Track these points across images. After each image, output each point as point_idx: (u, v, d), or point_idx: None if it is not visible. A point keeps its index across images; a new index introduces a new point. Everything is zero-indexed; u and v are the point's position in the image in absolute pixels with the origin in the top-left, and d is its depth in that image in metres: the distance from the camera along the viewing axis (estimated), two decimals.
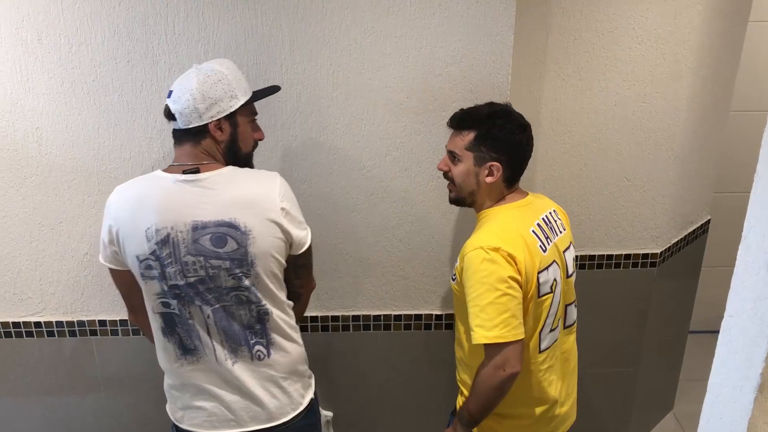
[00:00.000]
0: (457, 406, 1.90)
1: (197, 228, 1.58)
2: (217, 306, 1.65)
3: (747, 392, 1.04)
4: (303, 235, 1.70)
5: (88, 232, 2.15)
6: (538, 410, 1.82)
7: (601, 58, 2.29)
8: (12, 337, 2.29)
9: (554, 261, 1.75)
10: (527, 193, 1.82)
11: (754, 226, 1.05)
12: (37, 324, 2.27)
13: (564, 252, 1.82)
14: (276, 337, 1.73)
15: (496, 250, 1.61)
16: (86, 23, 1.91)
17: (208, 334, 1.68)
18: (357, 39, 1.95)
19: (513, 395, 1.76)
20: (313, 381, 1.90)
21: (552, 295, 1.74)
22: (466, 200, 1.80)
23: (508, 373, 1.62)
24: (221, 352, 1.69)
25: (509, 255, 1.62)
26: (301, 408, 1.81)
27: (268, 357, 1.72)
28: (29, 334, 2.29)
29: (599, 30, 2.26)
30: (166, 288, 1.63)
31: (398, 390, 2.45)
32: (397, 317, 2.31)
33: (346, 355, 2.38)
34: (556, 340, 1.82)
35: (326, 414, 2.44)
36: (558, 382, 1.86)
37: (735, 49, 2.64)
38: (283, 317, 1.73)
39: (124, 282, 1.75)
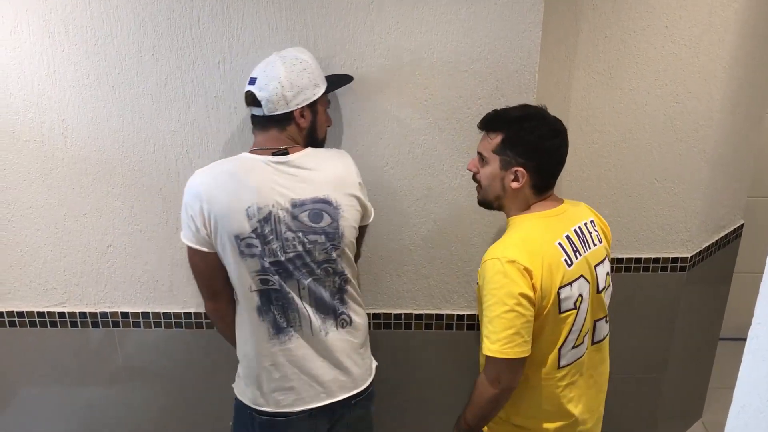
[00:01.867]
0: None
1: (296, 205, 1.68)
2: (310, 279, 1.75)
3: None
4: (370, 206, 1.87)
5: (112, 225, 2.16)
6: (555, 426, 1.76)
7: (633, 56, 2.24)
8: (36, 326, 2.32)
9: (581, 276, 1.66)
10: (562, 201, 1.74)
11: None
12: (61, 314, 2.30)
13: (596, 266, 1.72)
14: (353, 305, 1.85)
15: (512, 262, 1.56)
16: (112, 16, 1.92)
17: (304, 305, 1.75)
18: (381, 34, 1.93)
19: (529, 409, 1.73)
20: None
21: (575, 311, 1.66)
22: (493, 204, 1.75)
23: (501, 388, 1.61)
24: (316, 322, 1.77)
25: (525, 269, 1.56)
26: (374, 374, 1.95)
27: (350, 324, 1.84)
28: (53, 324, 2.31)
29: (631, 28, 2.21)
30: (267, 265, 1.69)
31: (418, 390, 2.43)
32: (418, 316, 2.28)
33: None
34: (581, 357, 1.74)
35: None
36: (580, 399, 1.78)
37: None
38: (355, 286, 1.87)
39: (208, 265, 1.74)
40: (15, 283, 2.26)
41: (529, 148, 1.63)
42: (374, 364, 1.98)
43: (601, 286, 1.74)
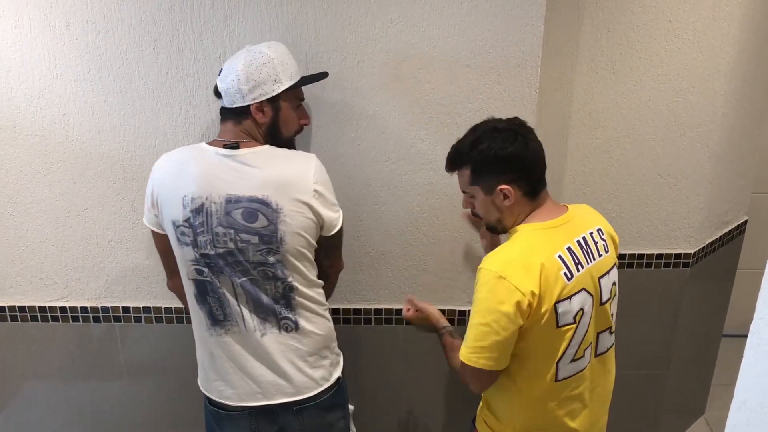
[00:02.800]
0: (477, 415, 1.89)
1: (230, 201, 1.63)
2: (245, 279, 1.69)
3: None
4: (335, 217, 1.74)
5: (113, 219, 2.16)
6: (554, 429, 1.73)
7: (636, 51, 2.23)
8: (38, 321, 2.33)
9: (582, 289, 1.61)
10: (566, 209, 1.69)
11: None
12: (62, 309, 2.30)
13: (600, 278, 1.66)
14: (304, 312, 1.76)
15: (501, 279, 1.52)
16: (113, 10, 1.91)
17: (238, 303, 1.72)
18: (383, 28, 1.92)
19: (526, 421, 1.71)
20: (341, 360, 1.92)
21: (575, 326, 1.61)
22: (498, 228, 1.71)
23: (467, 385, 1.70)
24: (251, 322, 1.73)
25: (514, 287, 1.52)
26: (328, 384, 1.84)
27: (296, 330, 1.76)
28: (54, 319, 2.32)
29: (634, 22, 2.19)
30: (198, 256, 1.68)
31: (419, 385, 2.43)
32: None
33: (367, 348, 2.36)
34: (582, 370, 1.69)
35: (348, 407, 2.42)
36: (582, 411, 1.74)
37: None
38: (309, 294, 1.76)
39: (163, 245, 1.79)
40: (16, 277, 2.27)
41: (498, 164, 1.59)
42: (335, 375, 1.87)
43: (605, 298, 1.69)
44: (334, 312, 2.27)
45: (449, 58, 1.95)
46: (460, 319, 2.27)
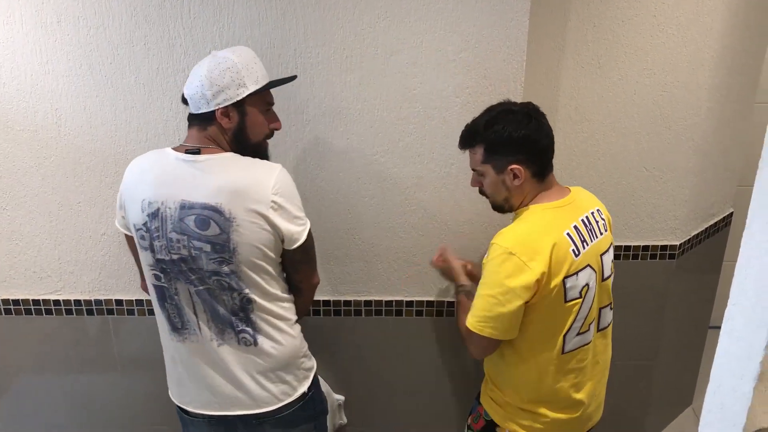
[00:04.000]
0: (481, 391, 1.94)
1: (184, 207, 1.61)
2: (201, 288, 1.67)
3: (747, 381, 1.03)
4: (296, 231, 1.67)
5: (106, 213, 2.19)
6: (557, 409, 1.80)
7: (621, 45, 2.26)
8: (32, 314, 2.35)
9: (588, 265, 1.70)
10: (569, 190, 1.77)
11: (758, 214, 1.03)
12: (56, 302, 2.32)
13: (602, 255, 1.76)
14: (264, 327, 1.72)
15: (511, 255, 1.60)
16: (104, 6, 1.93)
17: (194, 312, 1.71)
18: (371, 23, 1.95)
19: (531, 393, 1.77)
20: (312, 373, 1.87)
21: (581, 300, 1.69)
22: (504, 207, 1.79)
23: (469, 351, 1.78)
24: (207, 332, 1.72)
25: (523, 264, 1.59)
26: (291, 399, 1.80)
27: (255, 345, 1.72)
28: (48, 312, 2.34)
29: (619, 17, 2.22)
30: (154, 261, 1.68)
31: (409, 375, 2.46)
32: (409, 303, 2.31)
33: (357, 339, 2.39)
34: (587, 343, 1.78)
35: (338, 398, 2.45)
36: (585, 384, 1.82)
37: (761, 38, 2.58)
38: (271, 309, 1.72)
39: (133, 247, 1.81)
40: (10, 271, 2.29)
41: (511, 144, 1.66)
42: (301, 390, 1.82)
43: (606, 274, 1.79)
44: (323, 304, 2.31)
45: (436, 52, 1.98)
46: (448, 310, 2.31)
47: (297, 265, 1.76)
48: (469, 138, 1.73)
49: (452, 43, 1.97)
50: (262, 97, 1.73)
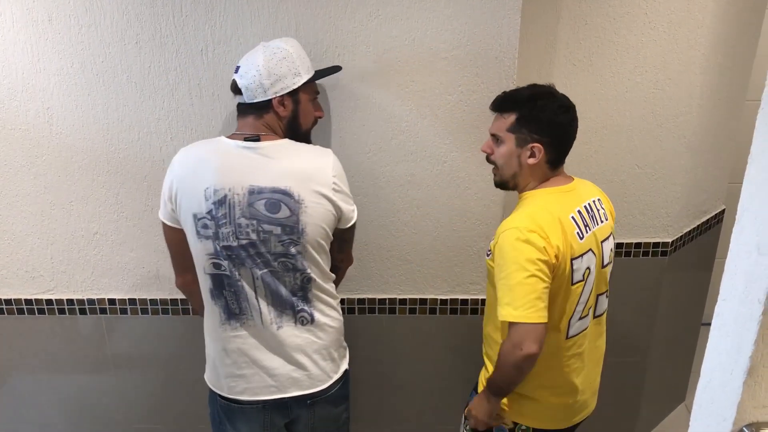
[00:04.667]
0: (479, 381, 1.93)
1: (253, 192, 1.65)
2: (266, 270, 1.71)
3: (737, 376, 1.04)
4: (351, 210, 1.78)
5: (98, 212, 2.18)
6: (557, 395, 1.83)
7: (613, 43, 2.26)
8: (24, 314, 2.34)
9: (590, 250, 1.74)
10: (572, 179, 1.82)
11: (748, 209, 1.04)
12: (49, 302, 2.32)
13: (602, 242, 1.80)
14: (319, 305, 1.80)
15: (532, 231, 1.62)
16: (95, 4, 1.93)
17: (256, 296, 1.74)
18: (363, 21, 1.95)
19: (536, 379, 1.78)
20: (348, 353, 1.96)
21: (584, 283, 1.73)
22: (509, 183, 1.81)
23: (524, 353, 1.62)
24: (267, 315, 1.75)
25: (545, 237, 1.62)
26: (337, 376, 1.88)
27: (312, 323, 1.79)
28: (41, 312, 2.33)
29: (610, 14, 2.23)
30: (219, 248, 1.70)
31: (403, 372, 2.46)
32: (402, 301, 2.31)
33: (350, 337, 2.37)
34: (585, 329, 1.82)
35: None
36: (582, 371, 1.85)
37: (752, 36, 2.59)
38: (325, 287, 1.80)
39: (177, 240, 1.80)
40: (2, 270, 2.28)
41: (543, 124, 1.70)
42: (343, 367, 1.92)
43: (605, 261, 1.83)
44: None
45: (428, 50, 1.98)
46: (441, 308, 2.31)
47: (343, 244, 1.88)
48: (506, 102, 1.76)
49: (444, 41, 1.97)
50: (312, 86, 1.83)
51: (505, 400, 1.84)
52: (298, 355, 1.79)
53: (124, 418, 2.54)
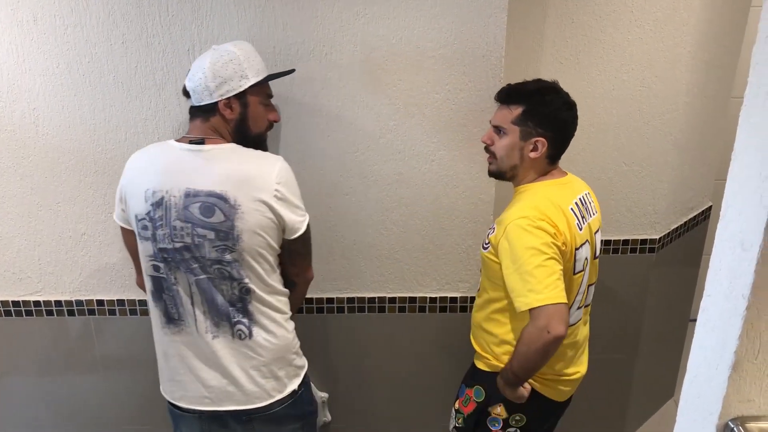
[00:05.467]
0: (470, 371, 1.94)
1: (189, 195, 1.64)
2: (202, 277, 1.68)
3: (722, 371, 1.05)
4: (297, 221, 1.72)
5: (86, 213, 2.17)
6: (550, 378, 1.85)
7: (599, 41, 2.27)
8: (12, 316, 2.33)
9: (587, 240, 1.79)
10: (567, 173, 1.86)
11: (731, 205, 1.05)
12: (36, 303, 2.31)
13: (594, 233, 1.86)
14: (260, 319, 1.74)
15: (542, 219, 1.65)
16: (81, 4, 1.92)
17: (192, 303, 1.71)
18: (350, 21, 1.95)
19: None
20: (303, 371, 1.89)
21: (583, 273, 1.78)
22: (507, 174, 1.83)
23: (552, 336, 1.59)
24: (203, 323, 1.72)
25: (554, 225, 1.66)
26: (281, 396, 1.81)
27: (250, 338, 1.74)
28: (29, 313, 2.32)
29: (597, 13, 2.24)
30: (156, 250, 1.69)
31: (393, 371, 2.46)
32: (392, 300, 2.31)
33: (340, 337, 2.39)
34: (581, 318, 1.88)
35: (321, 395, 2.46)
36: (572, 359, 1.90)
37: (736, 34, 2.61)
38: (268, 300, 1.74)
39: (131, 242, 1.81)
40: None
41: (549, 119, 1.73)
42: (291, 387, 1.83)
43: (597, 253, 1.88)
44: (307, 302, 2.30)
45: (415, 49, 1.98)
46: (431, 306, 2.32)
47: (294, 257, 1.80)
48: (513, 94, 1.78)
49: (431, 40, 1.97)
50: (263, 89, 1.80)
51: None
52: (233, 369, 1.75)
53: (114, 419, 2.53)
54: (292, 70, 1.92)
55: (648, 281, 2.63)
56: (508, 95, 1.79)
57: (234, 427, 1.83)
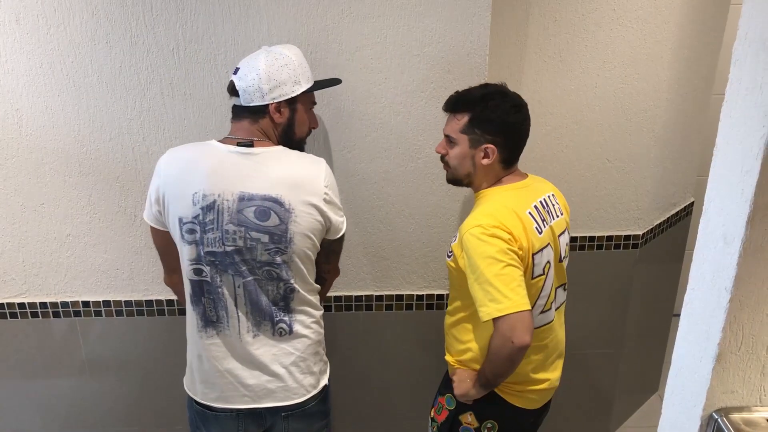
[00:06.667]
0: (450, 369, 1.91)
1: (243, 199, 1.63)
2: (250, 279, 1.69)
3: (706, 363, 1.06)
4: (340, 222, 1.76)
5: (70, 214, 2.16)
6: (519, 385, 1.83)
7: (582, 39, 2.29)
8: None
9: (549, 244, 1.76)
10: (527, 175, 1.84)
11: (713, 199, 1.07)
12: (21, 305, 2.29)
13: (559, 236, 1.82)
14: (300, 317, 1.77)
15: (496, 227, 1.63)
16: (64, 4, 1.91)
17: (236, 304, 1.71)
18: (335, 19, 1.95)
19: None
20: (329, 367, 1.92)
21: (544, 277, 1.75)
22: (463, 182, 1.82)
23: (516, 345, 1.59)
24: (245, 324, 1.73)
25: (508, 232, 1.64)
26: (316, 391, 1.84)
27: (290, 334, 1.76)
28: (13, 315, 2.30)
29: (580, 11, 2.25)
30: (202, 254, 1.67)
31: (381, 369, 2.47)
32: (379, 297, 2.32)
33: (328, 335, 2.37)
34: (550, 322, 1.84)
35: None
36: (544, 362, 1.87)
37: (717, 31, 2.64)
38: (308, 299, 1.77)
39: (163, 242, 1.79)
40: None
41: (496, 124, 1.70)
42: (323, 382, 1.88)
43: (562, 255, 1.85)
44: None
45: (400, 48, 1.99)
46: (417, 303, 2.33)
47: (331, 255, 1.85)
48: (458, 103, 1.75)
49: (416, 39, 1.98)
50: (309, 96, 1.81)
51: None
52: (274, 366, 1.76)
53: (100, 421, 2.52)
54: (339, 81, 1.93)
55: (632, 277, 2.65)
56: (454, 104, 1.76)
57: (271, 423, 1.84)
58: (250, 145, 1.67)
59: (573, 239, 2.54)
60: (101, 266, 2.24)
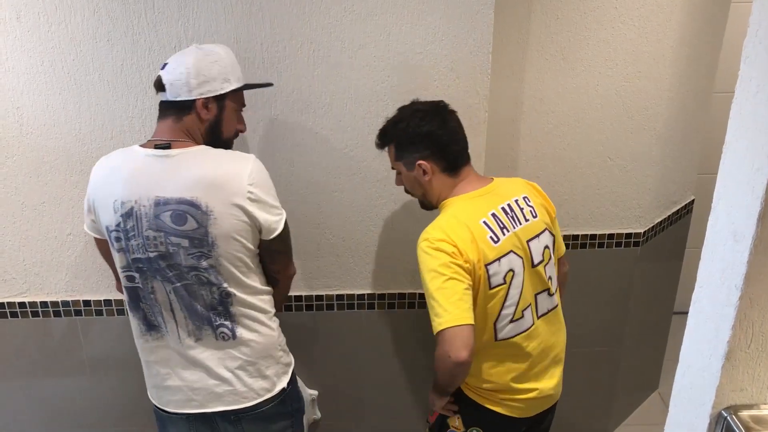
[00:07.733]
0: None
1: (159, 204, 1.59)
2: (179, 284, 1.65)
3: (715, 360, 1.06)
4: (274, 221, 1.67)
5: (71, 213, 2.15)
6: (500, 393, 1.81)
7: (584, 37, 2.29)
8: None
9: (511, 251, 1.70)
10: (491, 180, 1.80)
11: (723, 197, 1.06)
12: (22, 304, 2.28)
13: (528, 241, 1.75)
14: (243, 320, 1.72)
15: (441, 241, 1.63)
16: (65, 1, 1.90)
17: (171, 310, 1.69)
18: (337, 17, 1.95)
19: (483, 380, 1.79)
20: (290, 369, 1.88)
21: (506, 286, 1.70)
22: (426, 204, 1.86)
23: (453, 361, 1.58)
24: (185, 329, 1.70)
25: (453, 245, 1.62)
26: (271, 394, 1.80)
27: (233, 338, 1.72)
28: (14, 315, 2.29)
29: (582, 9, 2.25)
30: (130, 261, 1.65)
31: (383, 368, 2.47)
32: (381, 296, 2.32)
33: (330, 334, 2.39)
34: (525, 330, 1.77)
35: (311, 393, 2.45)
36: (528, 371, 1.81)
37: (718, 29, 2.65)
38: (250, 301, 1.72)
39: (105, 251, 1.78)
40: None
41: (414, 141, 1.74)
42: (280, 385, 1.82)
43: (536, 261, 1.78)
44: (296, 299, 2.30)
45: (403, 45, 1.99)
46: (420, 302, 2.32)
47: (274, 255, 1.76)
48: (382, 137, 1.82)
49: (419, 36, 1.98)
50: (239, 97, 1.78)
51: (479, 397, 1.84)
52: (220, 370, 1.73)
53: (100, 421, 2.51)
54: (270, 84, 1.93)
55: (632, 275, 2.66)
56: (379, 141, 1.82)
57: (223, 427, 1.82)
58: (168, 147, 1.62)
59: (574, 237, 2.54)
60: (102, 265, 2.22)
